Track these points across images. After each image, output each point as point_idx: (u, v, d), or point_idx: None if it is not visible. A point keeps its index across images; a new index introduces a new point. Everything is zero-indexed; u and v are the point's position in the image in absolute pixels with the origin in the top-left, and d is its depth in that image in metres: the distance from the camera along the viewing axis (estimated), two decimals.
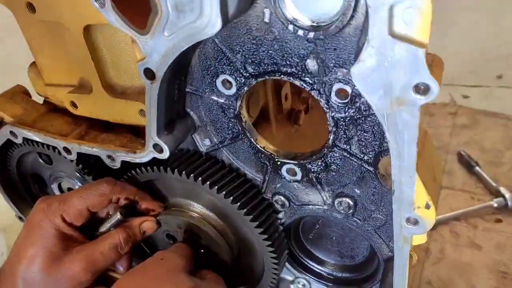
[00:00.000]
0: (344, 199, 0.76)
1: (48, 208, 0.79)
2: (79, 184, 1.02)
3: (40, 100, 1.01)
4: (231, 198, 0.79)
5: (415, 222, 0.63)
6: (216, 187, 0.79)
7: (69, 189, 1.05)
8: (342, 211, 0.77)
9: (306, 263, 0.94)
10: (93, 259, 0.78)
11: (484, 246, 1.81)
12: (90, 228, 0.85)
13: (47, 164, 1.02)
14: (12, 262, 0.79)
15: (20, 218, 1.15)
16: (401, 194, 0.60)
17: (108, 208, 0.85)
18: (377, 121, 0.66)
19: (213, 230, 0.85)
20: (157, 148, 0.76)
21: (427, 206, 0.60)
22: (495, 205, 1.93)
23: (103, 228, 0.84)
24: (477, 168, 2.10)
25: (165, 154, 0.76)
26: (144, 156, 0.79)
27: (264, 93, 0.98)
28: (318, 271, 0.94)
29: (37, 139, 0.89)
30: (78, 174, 1.00)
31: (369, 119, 0.66)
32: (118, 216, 0.82)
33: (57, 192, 1.06)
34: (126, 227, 0.83)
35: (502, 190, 1.96)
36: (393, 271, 0.71)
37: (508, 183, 2.01)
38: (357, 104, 0.65)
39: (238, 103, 0.74)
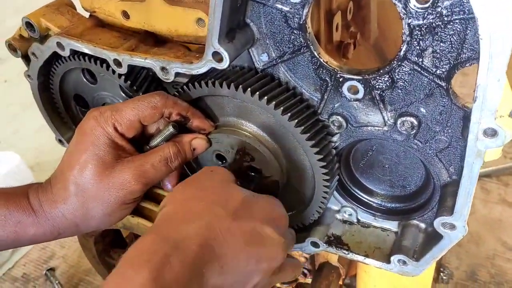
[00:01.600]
0: (407, 118, 0.73)
1: (101, 116, 0.77)
2: None
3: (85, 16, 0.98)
4: (289, 114, 0.76)
5: (493, 134, 0.60)
6: (274, 102, 0.76)
7: None
8: (403, 132, 0.75)
9: (354, 192, 0.92)
10: (144, 169, 0.77)
11: None
12: (141, 143, 0.83)
13: (91, 84, 1.01)
14: (63, 168, 0.78)
15: (60, 141, 1.14)
16: (484, 101, 0.57)
17: (158, 124, 0.84)
18: (457, 29, 0.62)
19: (268, 151, 0.83)
20: (217, 56, 0.73)
21: (511, 114, 0.57)
22: None
23: (153, 142, 0.82)
24: None
25: (225, 64, 0.73)
26: (201, 66, 0.76)
27: (318, 19, 0.94)
28: (366, 200, 0.92)
29: (86, 51, 0.87)
30: (123, 94, 0.98)
31: (449, 26, 0.62)
32: (170, 129, 0.80)
33: None
34: (176, 142, 0.82)
35: None
36: (459, 191, 0.69)
37: None
38: (439, 9, 0.61)
39: (305, 11, 0.71)
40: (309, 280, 1.14)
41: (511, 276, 1.54)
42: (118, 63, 0.85)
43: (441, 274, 1.53)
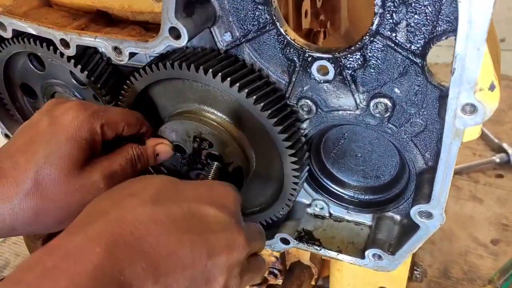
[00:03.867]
0: (381, 100, 0.68)
1: (86, 110, 0.68)
2: (77, 95, 0.92)
3: None
4: (254, 97, 0.71)
5: (472, 110, 0.56)
6: (237, 85, 0.70)
7: None
8: (377, 115, 0.70)
9: (325, 184, 0.87)
10: (113, 170, 0.69)
11: (485, 199, 1.79)
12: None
13: (39, 71, 0.92)
14: (18, 156, 0.64)
15: (6, 135, 1.04)
16: (463, 73, 0.53)
17: None
18: None
19: (225, 132, 0.76)
20: (174, 33, 0.67)
21: (492, 87, 0.53)
22: (497, 160, 1.91)
23: None
24: None
25: (183, 41, 0.67)
26: (157, 44, 0.69)
27: (285, 3, 0.90)
28: (339, 193, 0.87)
29: (30, 31, 0.78)
30: (75, 82, 0.90)
31: None
32: None
33: None
34: (140, 145, 0.75)
35: (505, 146, 1.94)
36: (436, 176, 0.64)
37: (510, 141, 1.98)
38: None
39: None
40: (280, 281, 1.08)
41: (484, 272, 1.53)
42: (65, 44, 0.77)
43: (415, 272, 1.50)
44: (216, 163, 0.78)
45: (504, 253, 1.59)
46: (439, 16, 0.59)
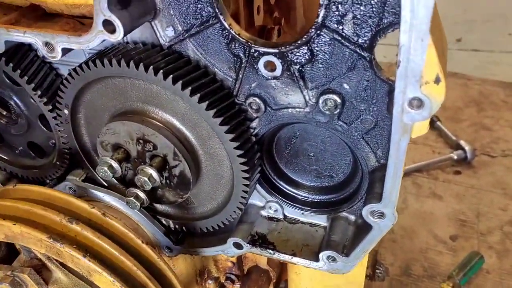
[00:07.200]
0: (330, 96, 0.66)
1: None
2: (14, 98, 0.85)
3: None
4: (198, 95, 0.67)
5: (419, 105, 0.54)
6: (181, 82, 0.66)
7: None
8: (327, 112, 0.67)
9: (279, 185, 0.84)
10: None
11: (444, 196, 1.81)
12: None
13: None
14: None
15: None
16: (408, 65, 0.51)
17: None
18: None
19: (169, 133, 0.72)
20: (108, 26, 0.62)
21: (437, 80, 0.51)
22: (455, 157, 1.94)
23: None
24: (438, 123, 2.10)
25: (118, 35, 0.62)
26: (91, 39, 0.64)
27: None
28: (293, 194, 0.84)
29: None
30: (9, 81, 0.83)
31: None
32: None
33: None
34: None
35: (462, 143, 1.98)
36: (386, 173, 0.62)
37: (467, 138, 2.03)
38: None
39: None
40: (237, 287, 1.04)
41: (443, 269, 1.55)
42: None
43: (377, 271, 1.49)
44: None
45: (462, 248, 1.62)
46: (385, 8, 0.57)
